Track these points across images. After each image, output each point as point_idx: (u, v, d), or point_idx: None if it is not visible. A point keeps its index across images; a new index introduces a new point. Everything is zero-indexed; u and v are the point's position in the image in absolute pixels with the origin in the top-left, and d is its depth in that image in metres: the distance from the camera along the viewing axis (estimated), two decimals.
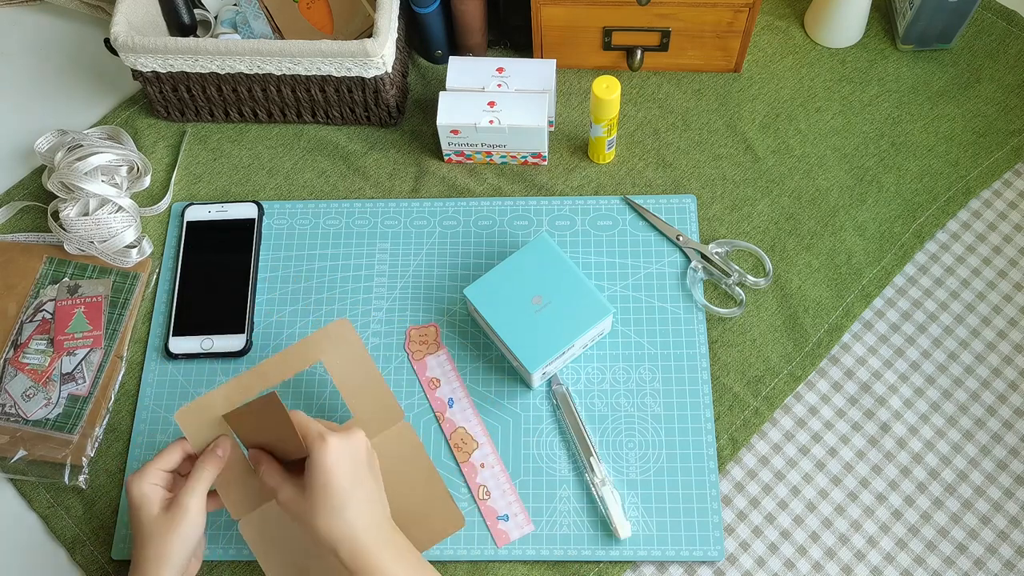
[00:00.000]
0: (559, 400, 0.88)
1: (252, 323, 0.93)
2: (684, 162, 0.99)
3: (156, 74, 0.97)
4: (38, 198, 1.01)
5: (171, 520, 0.73)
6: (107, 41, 0.96)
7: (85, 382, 0.90)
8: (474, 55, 1.05)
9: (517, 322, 0.85)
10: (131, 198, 0.97)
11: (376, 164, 1.01)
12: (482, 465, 0.87)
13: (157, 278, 0.96)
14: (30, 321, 0.93)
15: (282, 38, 1.01)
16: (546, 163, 1.00)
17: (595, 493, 0.84)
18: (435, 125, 0.95)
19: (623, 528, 0.82)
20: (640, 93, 1.03)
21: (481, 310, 0.86)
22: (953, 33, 1.01)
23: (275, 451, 0.77)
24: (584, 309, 0.86)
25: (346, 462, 0.72)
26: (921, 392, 0.89)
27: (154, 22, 1.00)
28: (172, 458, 0.77)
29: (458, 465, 0.87)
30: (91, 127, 1.04)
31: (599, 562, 0.84)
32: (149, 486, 0.74)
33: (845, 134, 1.00)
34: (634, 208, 0.97)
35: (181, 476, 0.78)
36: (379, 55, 0.91)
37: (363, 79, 0.95)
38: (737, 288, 0.92)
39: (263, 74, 0.95)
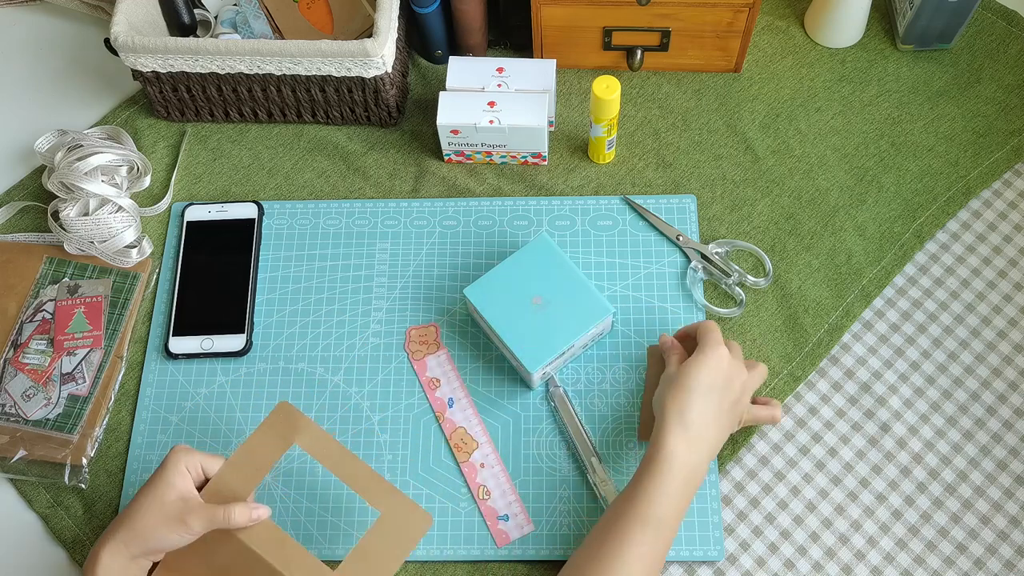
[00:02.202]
0: (556, 402, 0.88)
1: (252, 323, 0.93)
2: (684, 162, 0.99)
3: (156, 74, 0.97)
4: (38, 198, 1.01)
5: (170, 519, 0.73)
6: (107, 41, 0.96)
7: (85, 382, 0.90)
8: (474, 55, 1.05)
9: (517, 322, 0.85)
10: (131, 198, 0.97)
11: (376, 164, 1.01)
12: (482, 465, 0.87)
13: (157, 278, 0.96)
14: (30, 321, 0.93)
15: (282, 38, 1.01)
16: (546, 163, 1.00)
17: (597, 493, 0.84)
18: (435, 125, 0.95)
19: None
20: (640, 93, 1.03)
21: (481, 310, 0.86)
22: (953, 33, 1.01)
23: None
24: (584, 309, 0.86)
25: (719, 374, 0.79)
26: (921, 392, 0.89)
27: (154, 22, 1.00)
28: (218, 466, 0.77)
29: (458, 465, 0.87)
30: (91, 127, 1.04)
31: None
32: (184, 471, 0.75)
33: (845, 134, 1.00)
34: (634, 208, 0.97)
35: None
36: (379, 55, 0.91)
37: (363, 79, 0.95)
38: (737, 288, 0.92)
39: (263, 74, 0.95)
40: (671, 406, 0.78)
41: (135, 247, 0.95)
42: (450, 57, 0.97)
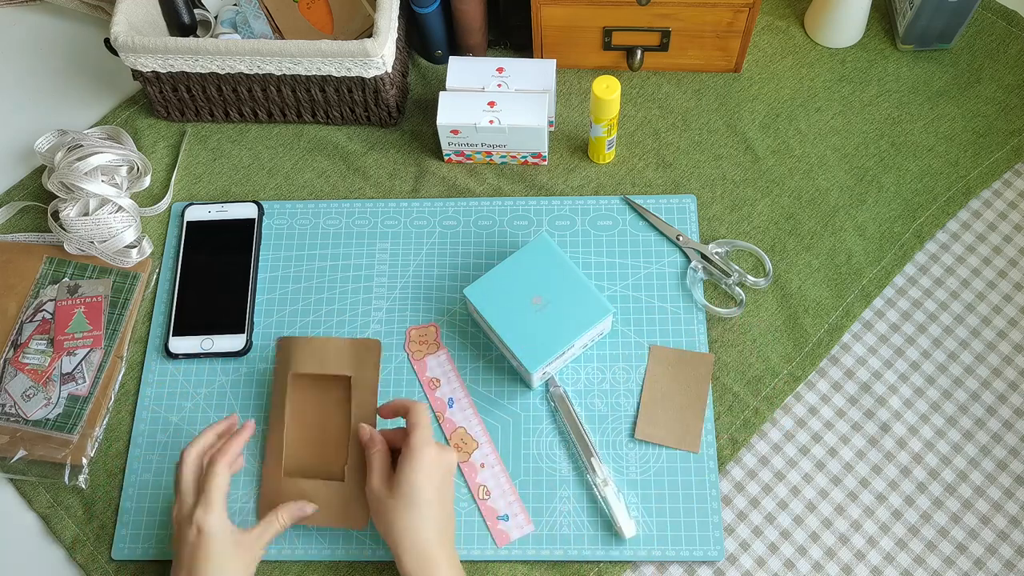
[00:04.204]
0: (556, 402, 0.88)
1: (252, 323, 0.93)
2: (684, 162, 0.99)
3: (156, 74, 0.97)
4: (38, 198, 1.01)
5: (242, 554, 0.76)
6: (107, 41, 0.96)
7: (85, 382, 0.90)
8: (474, 55, 1.05)
9: (517, 322, 0.85)
10: (131, 198, 0.97)
11: (376, 164, 1.01)
12: (482, 465, 0.87)
13: (157, 278, 0.96)
14: (30, 321, 0.93)
15: (282, 38, 1.01)
16: (546, 163, 1.00)
17: (598, 494, 0.84)
18: (435, 125, 0.95)
19: (628, 528, 0.82)
20: (640, 93, 1.03)
21: (481, 310, 0.86)
22: (953, 33, 1.01)
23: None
24: (584, 309, 0.86)
25: (437, 475, 0.77)
26: (921, 392, 0.89)
27: (154, 22, 1.00)
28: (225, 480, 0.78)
29: (458, 465, 0.87)
30: (91, 127, 1.04)
31: (599, 562, 0.84)
32: (223, 518, 0.76)
33: (845, 134, 1.00)
34: (634, 208, 0.97)
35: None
36: (379, 55, 0.91)
37: (363, 79, 0.95)
38: (737, 288, 0.92)
39: (263, 74, 0.95)
40: (400, 527, 0.75)
41: (135, 247, 0.95)
42: (450, 57, 0.97)
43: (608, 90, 0.89)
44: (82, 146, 0.96)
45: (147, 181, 1.00)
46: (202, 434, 0.81)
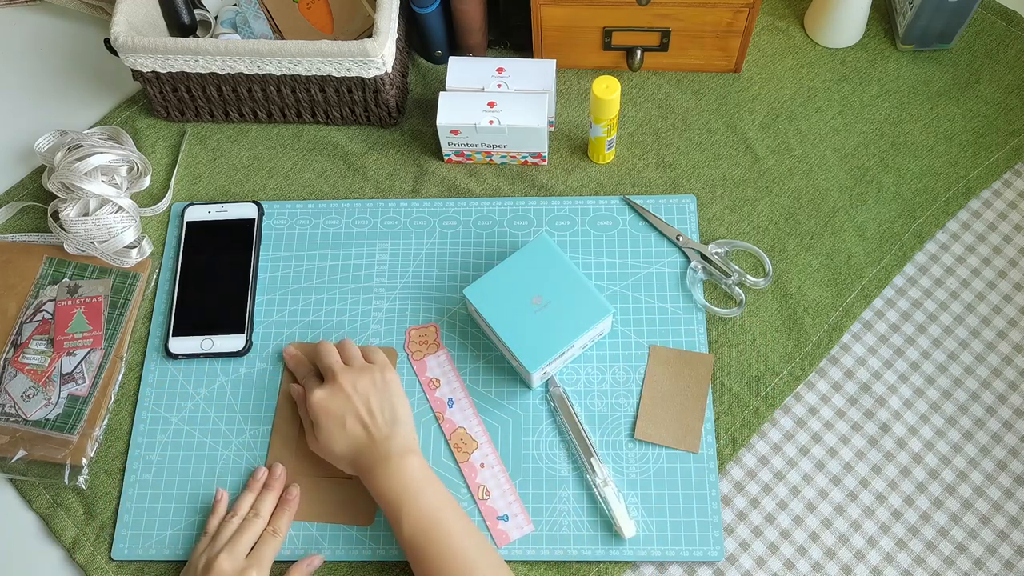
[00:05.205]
0: (556, 402, 0.88)
1: (252, 323, 0.93)
2: (684, 162, 0.99)
3: (156, 74, 0.97)
4: (38, 198, 1.01)
5: None
6: (107, 41, 0.96)
7: (85, 382, 0.90)
8: (474, 55, 1.05)
9: (517, 322, 0.85)
10: (131, 198, 0.97)
11: (376, 164, 1.01)
12: (482, 465, 0.87)
13: (157, 278, 0.96)
14: (30, 321, 0.93)
15: (282, 38, 1.01)
16: (546, 163, 1.00)
17: (597, 494, 0.84)
18: (435, 125, 0.95)
19: (627, 528, 0.82)
20: (640, 93, 1.03)
21: (481, 310, 0.86)
22: (953, 33, 1.01)
23: None
24: (584, 309, 0.86)
25: (322, 414, 0.83)
26: (921, 392, 0.89)
27: (154, 22, 1.00)
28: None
29: (458, 465, 0.87)
30: (91, 127, 1.04)
31: (599, 562, 0.84)
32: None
33: (845, 134, 1.00)
34: (634, 208, 0.97)
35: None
36: (379, 55, 0.91)
37: (363, 79, 0.95)
38: (737, 288, 0.92)
39: (263, 74, 0.95)
40: (334, 458, 0.84)
41: (135, 247, 0.95)
42: (450, 57, 0.97)
43: (608, 90, 0.89)
44: (82, 146, 0.96)
45: (147, 181, 1.00)
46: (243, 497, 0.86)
